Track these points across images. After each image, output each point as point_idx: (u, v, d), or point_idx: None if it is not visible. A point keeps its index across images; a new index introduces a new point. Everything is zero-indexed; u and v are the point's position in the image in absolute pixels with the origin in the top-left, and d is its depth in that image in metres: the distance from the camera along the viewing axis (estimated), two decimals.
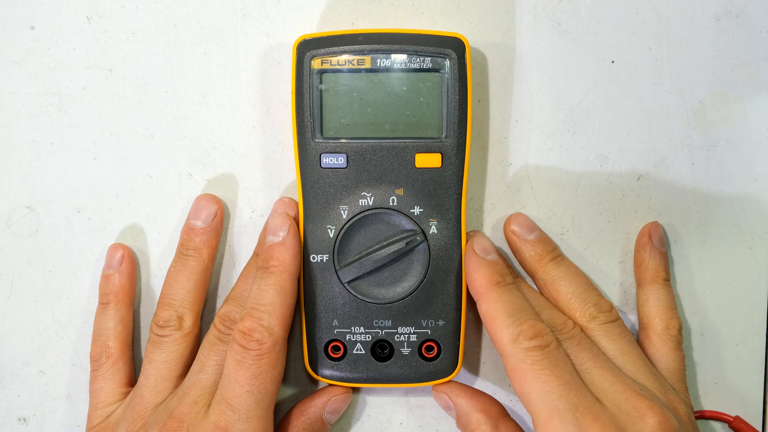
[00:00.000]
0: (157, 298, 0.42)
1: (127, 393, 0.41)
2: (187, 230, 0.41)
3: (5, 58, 0.42)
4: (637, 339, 0.42)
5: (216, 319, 0.40)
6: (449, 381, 0.41)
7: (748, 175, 0.43)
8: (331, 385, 0.42)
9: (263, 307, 0.37)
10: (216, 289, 0.43)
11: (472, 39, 0.41)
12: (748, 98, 0.42)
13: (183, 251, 0.41)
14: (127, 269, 0.42)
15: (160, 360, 0.39)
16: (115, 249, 0.42)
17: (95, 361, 0.41)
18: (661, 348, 0.40)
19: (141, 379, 0.40)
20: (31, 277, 0.43)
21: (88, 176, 0.42)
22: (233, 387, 0.36)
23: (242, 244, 0.43)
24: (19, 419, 0.43)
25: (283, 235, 0.39)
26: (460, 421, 0.40)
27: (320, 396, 0.41)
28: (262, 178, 0.42)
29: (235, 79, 0.42)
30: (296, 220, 0.40)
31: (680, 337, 0.41)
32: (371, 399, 0.43)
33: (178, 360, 0.40)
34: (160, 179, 0.42)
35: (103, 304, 0.42)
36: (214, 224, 0.41)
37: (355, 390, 0.43)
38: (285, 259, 0.38)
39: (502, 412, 0.40)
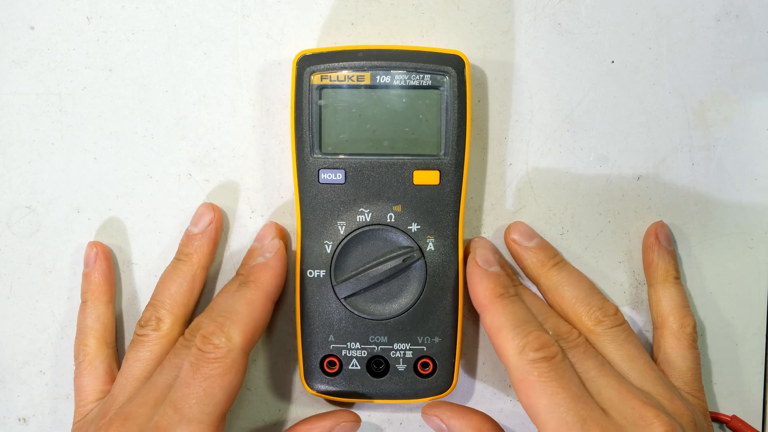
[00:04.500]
0: None
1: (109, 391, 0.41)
2: (185, 235, 0.42)
3: (5, 58, 0.42)
4: (652, 338, 0.42)
5: (188, 327, 0.40)
6: (438, 402, 0.40)
7: (748, 175, 0.43)
8: (339, 408, 0.41)
9: (228, 314, 0.37)
10: (213, 291, 0.43)
11: (472, 39, 0.41)
12: (748, 98, 0.42)
13: (177, 255, 0.41)
14: (100, 267, 0.42)
15: (134, 359, 0.39)
16: (90, 247, 0.42)
17: (75, 359, 0.41)
18: (676, 347, 0.40)
19: (117, 377, 0.40)
20: (31, 277, 0.43)
21: (88, 176, 0.42)
22: (181, 388, 0.36)
23: (242, 244, 0.43)
24: (19, 419, 0.43)
25: (269, 256, 0.39)
26: None
27: (328, 418, 0.40)
28: (261, 179, 0.42)
29: (235, 79, 0.42)
30: (284, 241, 0.41)
31: (695, 336, 0.41)
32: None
33: (151, 360, 0.39)
34: (160, 179, 0.42)
35: (83, 302, 0.42)
36: (208, 231, 0.41)
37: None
38: (263, 278, 0.39)
39: (496, 429, 0.39)
